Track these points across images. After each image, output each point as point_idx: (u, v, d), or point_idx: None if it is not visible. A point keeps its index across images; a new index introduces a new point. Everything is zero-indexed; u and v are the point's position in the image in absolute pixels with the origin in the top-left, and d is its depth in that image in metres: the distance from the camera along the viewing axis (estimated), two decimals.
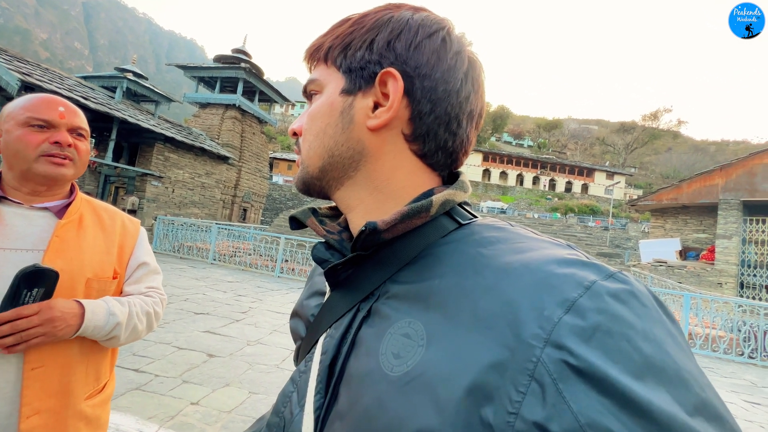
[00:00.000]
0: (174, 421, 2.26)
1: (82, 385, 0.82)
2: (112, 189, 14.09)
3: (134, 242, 0.97)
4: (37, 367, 0.75)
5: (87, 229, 0.87)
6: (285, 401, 0.38)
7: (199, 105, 18.08)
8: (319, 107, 0.38)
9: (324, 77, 0.39)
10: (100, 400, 0.88)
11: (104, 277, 0.87)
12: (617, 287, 0.25)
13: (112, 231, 0.92)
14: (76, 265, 0.82)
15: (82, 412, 0.82)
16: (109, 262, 0.89)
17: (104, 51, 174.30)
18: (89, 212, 0.90)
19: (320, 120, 0.38)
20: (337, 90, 0.38)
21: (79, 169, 0.87)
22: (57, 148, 0.81)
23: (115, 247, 0.92)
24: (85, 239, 0.85)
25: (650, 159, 63.75)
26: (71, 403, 0.80)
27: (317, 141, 0.38)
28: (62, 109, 0.83)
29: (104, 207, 0.95)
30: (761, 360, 5.64)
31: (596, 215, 36.80)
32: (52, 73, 10.94)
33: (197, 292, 5.74)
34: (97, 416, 0.86)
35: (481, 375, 0.24)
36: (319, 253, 0.39)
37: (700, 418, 0.21)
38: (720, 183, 11.45)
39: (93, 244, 0.86)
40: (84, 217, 0.88)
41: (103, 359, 0.89)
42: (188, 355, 3.31)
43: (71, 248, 0.82)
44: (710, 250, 11.79)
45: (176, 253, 9.42)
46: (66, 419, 0.79)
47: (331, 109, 0.38)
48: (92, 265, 0.85)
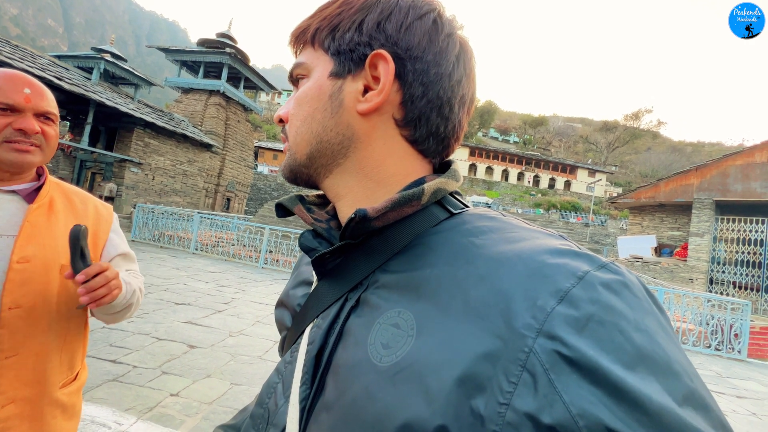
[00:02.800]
0: (153, 412, 2.22)
1: (57, 374, 0.81)
2: (89, 175, 13.57)
3: (109, 228, 0.93)
4: (11, 356, 0.74)
5: (58, 214, 0.83)
6: (270, 392, 0.37)
7: (182, 90, 17.53)
8: (307, 91, 0.37)
9: (311, 60, 0.38)
10: (75, 388, 0.87)
11: None
12: (610, 278, 0.25)
13: (85, 216, 0.88)
14: (50, 251, 0.79)
15: (58, 400, 0.81)
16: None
17: (80, 30, 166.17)
18: (60, 196, 0.86)
19: (308, 105, 0.37)
20: (325, 73, 0.36)
21: (47, 155, 0.82)
22: (21, 135, 0.75)
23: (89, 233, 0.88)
24: (56, 224, 0.82)
25: (630, 158, 65.52)
26: (47, 391, 0.79)
27: (305, 126, 0.37)
28: (28, 91, 0.76)
29: (75, 191, 0.91)
30: (726, 352, 5.95)
31: (578, 212, 37.72)
32: (24, 50, 10.38)
33: (178, 282, 5.62)
34: (72, 404, 0.85)
35: (473, 365, 0.24)
36: (306, 241, 0.38)
37: (689, 407, 0.22)
38: (695, 183, 11.88)
39: (65, 229, 0.83)
40: (54, 201, 0.84)
41: (77, 348, 0.87)
42: (168, 346, 3.24)
43: (43, 234, 0.79)
44: (683, 247, 12.28)
45: (156, 242, 9.18)
46: (42, 407, 0.78)
47: (319, 93, 0.36)
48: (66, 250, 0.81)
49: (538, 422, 0.21)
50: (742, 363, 5.74)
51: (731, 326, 5.99)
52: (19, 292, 0.73)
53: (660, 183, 12.78)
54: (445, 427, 0.23)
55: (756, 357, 6.04)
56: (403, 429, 0.25)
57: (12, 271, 0.73)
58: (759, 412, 3.78)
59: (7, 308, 0.72)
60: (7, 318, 0.72)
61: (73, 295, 0.81)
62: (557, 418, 0.21)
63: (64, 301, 0.80)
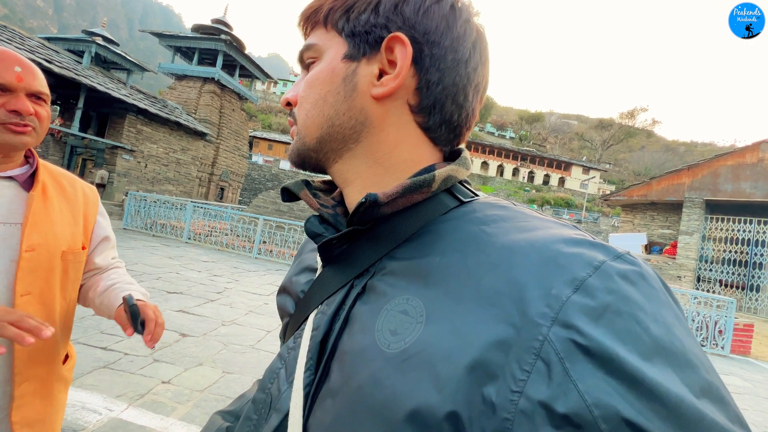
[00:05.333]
0: (144, 399, 2.22)
1: (62, 352, 0.86)
2: (79, 161, 13.34)
3: (96, 210, 0.93)
4: None
5: (52, 200, 0.82)
6: (272, 377, 0.37)
7: (176, 77, 17.21)
8: (319, 73, 0.36)
9: (323, 42, 0.36)
10: (71, 365, 0.92)
11: (76, 249, 0.85)
12: (627, 268, 0.25)
13: (75, 200, 0.88)
14: (51, 238, 0.79)
15: (62, 376, 0.87)
16: (78, 232, 0.86)
17: (71, 12, 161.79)
18: (50, 180, 0.85)
19: (320, 87, 0.36)
20: (338, 55, 0.35)
21: (39, 137, 0.81)
22: (16, 116, 0.73)
23: (81, 217, 0.88)
24: (52, 210, 0.81)
25: (625, 156, 66.01)
26: (55, 369, 0.84)
27: (316, 109, 0.36)
28: (19, 69, 0.74)
29: (62, 173, 0.90)
30: (710, 348, 6.10)
31: (571, 208, 38.04)
32: (11, 32, 10.10)
33: (170, 271, 5.59)
34: (69, 379, 0.91)
35: (484, 352, 0.24)
36: (312, 227, 0.38)
37: (706, 399, 0.21)
38: (686, 182, 12.03)
39: (60, 215, 0.83)
40: (47, 187, 0.83)
41: (70, 327, 0.91)
42: None
43: (44, 221, 0.79)
44: (673, 245, 12.48)
45: (148, 231, 9.09)
46: (52, 384, 0.83)
47: (332, 75, 0.35)
48: (65, 237, 0.82)
49: (552, 411, 0.21)
50: (726, 358, 5.89)
51: (716, 323, 6.13)
52: (28, 280, 0.75)
53: (652, 181, 12.92)
54: (456, 413, 0.23)
55: (739, 353, 6.20)
56: (413, 415, 0.24)
57: (22, 260, 0.74)
58: (739, 405, 3.89)
59: (19, 295, 0.74)
60: (20, 304, 0.74)
61: (73, 279, 0.85)
62: (572, 407, 0.21)
63: (64, 286, 0.83)
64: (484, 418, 0.23)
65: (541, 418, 0.21)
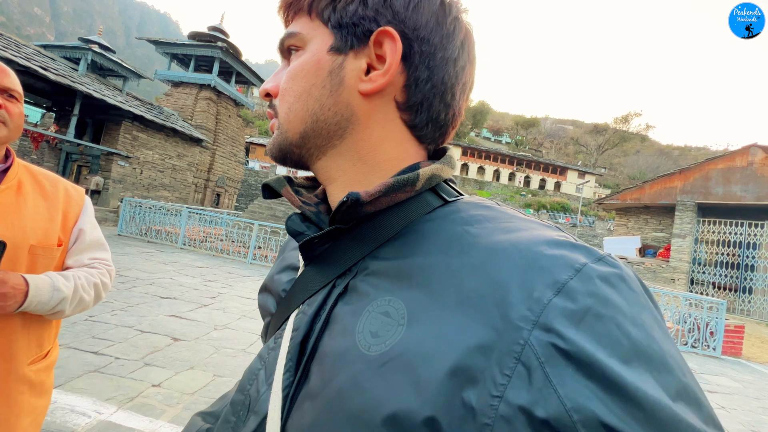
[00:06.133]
0: (133, 402, 2.24)
1: (24, 351, 0.83)
2: (74, 168, 13.31)
3: (79, 210, 0.95)
4: None
5: (27, 196, 0.85)
6: (251, 379, 0.36)
7: (172, 83, 17.27)
8: (303, 65, 0.34)
9: (307, 31, 0.35)
10: (44, 366, 0.89)
11: (49, 244, 0.86)
12: (607, 270, 0.25)
13: (55, 198, 0.90)
14: (18, 231, 0.81)
15: (25, 377, 0.83)
16: (53, 229, 0.87)
17: (68, 19, 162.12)
18: (28, 178, 0.87)
19: (304, 79, 0.34)
20: (324, 47, 0.34)
21: (12, 133, 0.83)
22: None
23: (59, 215, 0.90)
24: (25, 206, 0.83)
25: (619, 160, 66.57)
26: (13, 368, 0.81)
27: (299, 103, 0.34)
28: None
29: (44, 173, 0.92)
30: (702, 349, 6.14)
31: (567, 212, 38.22)
32: (7, 39, 10.13)
33: (164, 277, 5.59)
34: (41, 381, 0.87)
35: (465, 356, 0.23)
36: (294, 225, 0.37)
37: (682, 402, 0.22)
38: (679, 185, 12.17)
39: (34, 210, 0.84)
40: (23, 184, 0.86)
41: (45, 327, 0.89)
42: (152, 338, 3.25)
43: (11, 214, 0.81)
44: (666, 249, 12.58)
45: (143, 237, 9.08)
46: (8, 383, 0.80)
47: (317, 67, 0.34)
48: (35, 232, 0.83)
49: (531, 416, 0.21)
50: (717, 360, 5.94)
51: (707, 324, 6.19)
52: None
53: (645, 185, 13.05)
54: (434, 418, 0.23)
55: (730, 354, 6.25)
56: (390, 419, 0.24)
57: None
58: (728, 405, 3.94)
59: None
60: None
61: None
62: (551, 411, 0.21)
63: None
64: (464, 423, 0.22)
65: (521, 423, 0.21)
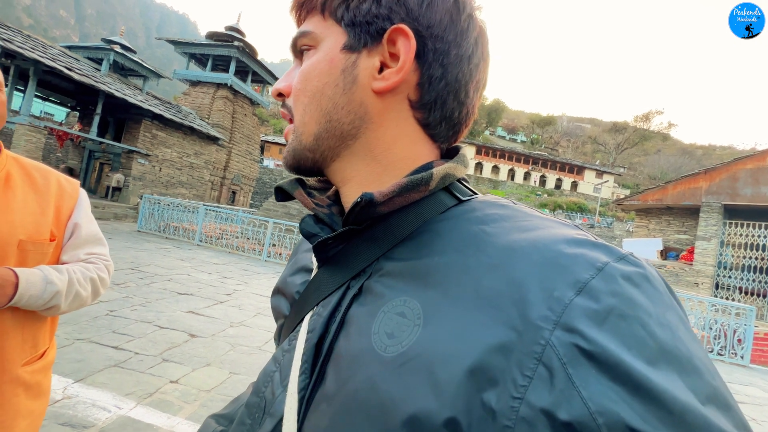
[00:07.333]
0: (152, 398, 2.26)
1: (18, 352, 0.80)
2: (97, 165, 13.72)
3: (73, 203, 0.91)
4: None
5: (16, 189, 0.81)
6: (266, 381, 0.36)
7: (190, 83, 17.61)
8: (316, 64, 0.34)
9: (320, 30, 0.35)
10: (40, 367, 0.86)
11: (40, 239, 0.82)
12: (630, 270, 0.24)
13: (46, 191, 0.86)
14: (5, 225, 0.77)
15: (19, 378, 0.80)
16: (45, 223, 0.83)
17: (92, 21, 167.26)
18: (18, 171, 0.84)
19: (317, 79, 0.34)
20: (337, 45, 0.34)
21: None
22: None
23: (51, 208, 0.86)
24: (14, 199, 0.80)
25: (639, 160, 64.76)
26: (6, 368, 0.78)
27: (313, 104, 0.34)
28: None
29: (36, 166, 0.89)
30: (729, 357, 5.89)
31: (584, 213, 37.41)
32: (35, 40, 10.48)
33: (181, 273, 5.69)
34: (37, 382, 0.84)
35: (484, 357, 0.23)
36: (307, 226, 0.37)
37: (712, 406, 0.21)
38: (704, 186, 11.72)
39: (24, 204, 0.81)
40: (12, 176, 0.82)
41: (40, 327, 0.86)
42: (169, 334, 3.30)
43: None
44: (690, 251, 12.14)
45: (162, 233, 9.28)
46: (1, 385, 0.78)
47: (330, 66, 0.34)
48: (25, 226, 0.80)
49: (554, 418, 0.20)
50: (745, 369, 5.69)
51: (735, 331, 5.93)
52: None
53: (668, 185, 12.62)
54: (455, 419, 0.22)
55: (759, 363, 5.98)
56: (411, 421, 0.23)
57: None
58: (759, 417, 3.76)
59: None
60: None
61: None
62: (575, 414, 0.20)
63: None
64: (484, 425, 0.22)
65: (543, 425, 0.20)
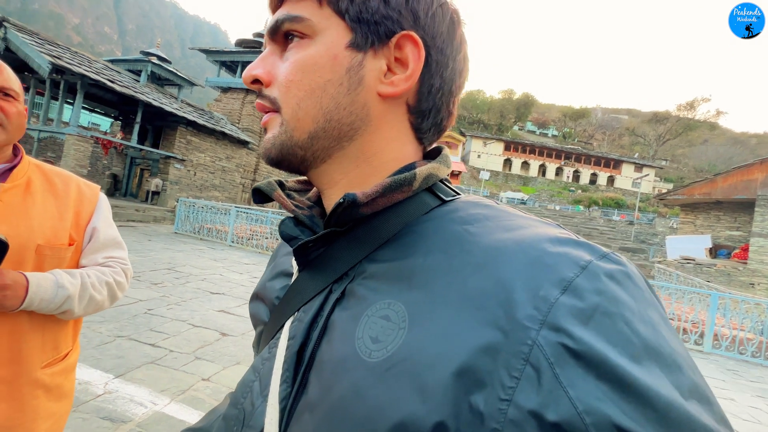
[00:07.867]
0: (185, 395, 2.33)
1: (37, 353, 0.80)
2: (138, 171, 14.58)
3: (92, 208, 0.92)
4: None
5: (35, 194, 0.83)
6: (245, 391, 0.35)
7: (221, 89, 18.32)
8: (316, 57, 0.32)
9: (318, 20, 0.32)
10: (61, 369, 0.86)
11: (58, 244, 0.83)
12: (613, 268, 0.24)
13: (66, 196, 0.87)
14: (24, 230, 0.78)
15: (38, 380, 0.80)
16: (63, 228, 0.84)
17: (132, 35, 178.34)
18: (38, 177, 0.86)
19: (317, 74, 0.32)
20: (341, 41, 0.32)
21: (11, 134, 0.80)
22: None
23: (70, 213, 0.86)
24: (33, 205, 0.81)
25: (683, 151, 60.71)
26: (24, 371, 0.78)
27: (311, 99, 0.32)
28: None
29: (57, 172, 0.90)
30: None
31: (621, 209, 35.51)
32: (81, 56, 11.27)
33: (214, 273, 5.90)
34: (57, 384, 0.85)
35: (471, 359, 0.23)
36: (287, 229, 0.36)
37: (694, 401, 0.21)
38: (759, 178, 10.76)
39: (43, 209, 0.82)
40: (32, 182, 0.84)
41: (61, 328, 0.87)
42: (202, 332, 3.41)
43: (17, 213, 0.78)
44: (743, 249, 11.19)
45: (197, 235, 9.69)
46: (20, 387, 0.78)
47: (333, 63, 0.32)
48: (43, 231, 0.81)
49: (542, 419, 0.20)
50: None
51: None
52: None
53: (717, 178, 11.71)
54: (443, 424, 0.22)
55: None
56: (398, 428, 0.23)
57: None
58: None
59: None
60: None
61: None
62: (563, 414, 0.20)
63: None
64: (473, 428, 0.22)
65: (532, 427, 0.21)
